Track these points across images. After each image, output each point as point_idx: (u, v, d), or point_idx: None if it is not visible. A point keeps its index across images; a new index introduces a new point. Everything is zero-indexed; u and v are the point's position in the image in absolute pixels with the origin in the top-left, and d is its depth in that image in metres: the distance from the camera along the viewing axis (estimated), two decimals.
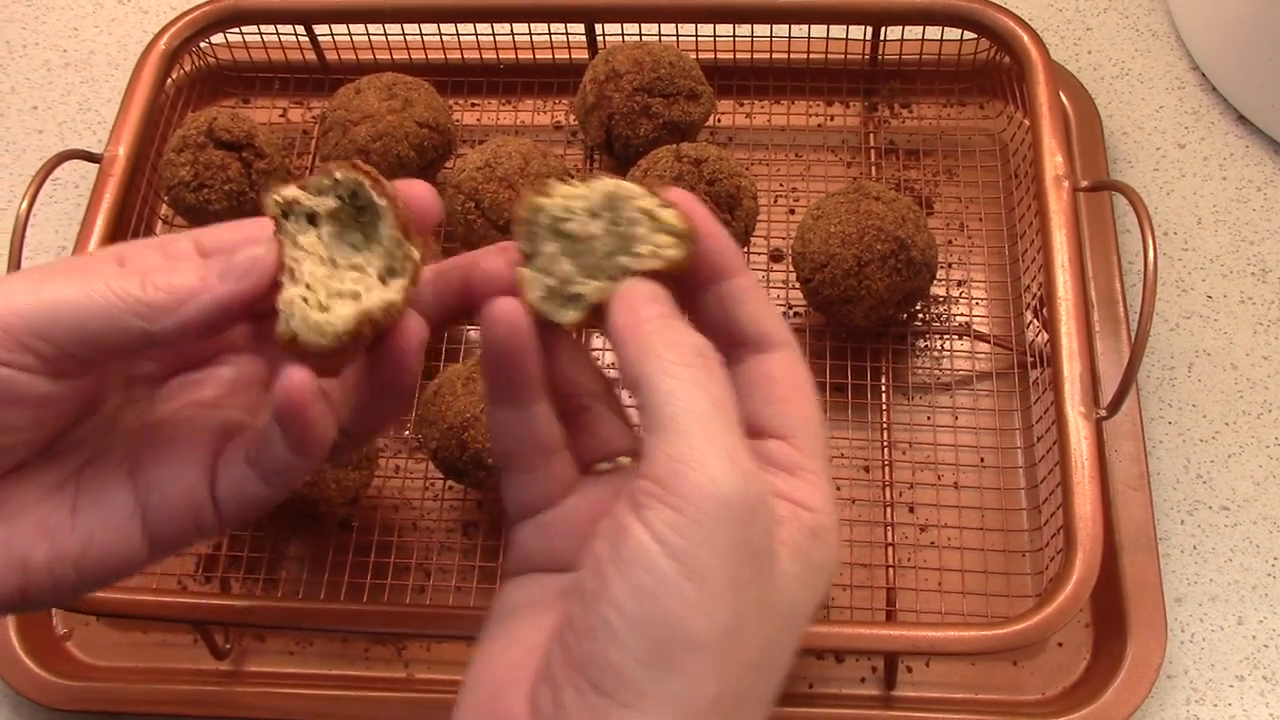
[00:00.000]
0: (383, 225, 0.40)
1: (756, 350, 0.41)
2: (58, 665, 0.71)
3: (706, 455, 0.34)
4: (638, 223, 0.39)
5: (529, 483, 0.42)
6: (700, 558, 0.34)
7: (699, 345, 0.37)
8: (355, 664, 0.71)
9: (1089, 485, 0.63)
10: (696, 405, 0.35)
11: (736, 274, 0.41)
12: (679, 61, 0.77)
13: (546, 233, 0.40)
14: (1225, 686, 0.68)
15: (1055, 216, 0.70)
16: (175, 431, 0.44)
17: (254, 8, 0.83)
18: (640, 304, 0.38)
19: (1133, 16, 0.91)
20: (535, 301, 0.40)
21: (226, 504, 0.43)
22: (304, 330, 0.39)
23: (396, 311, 0.40)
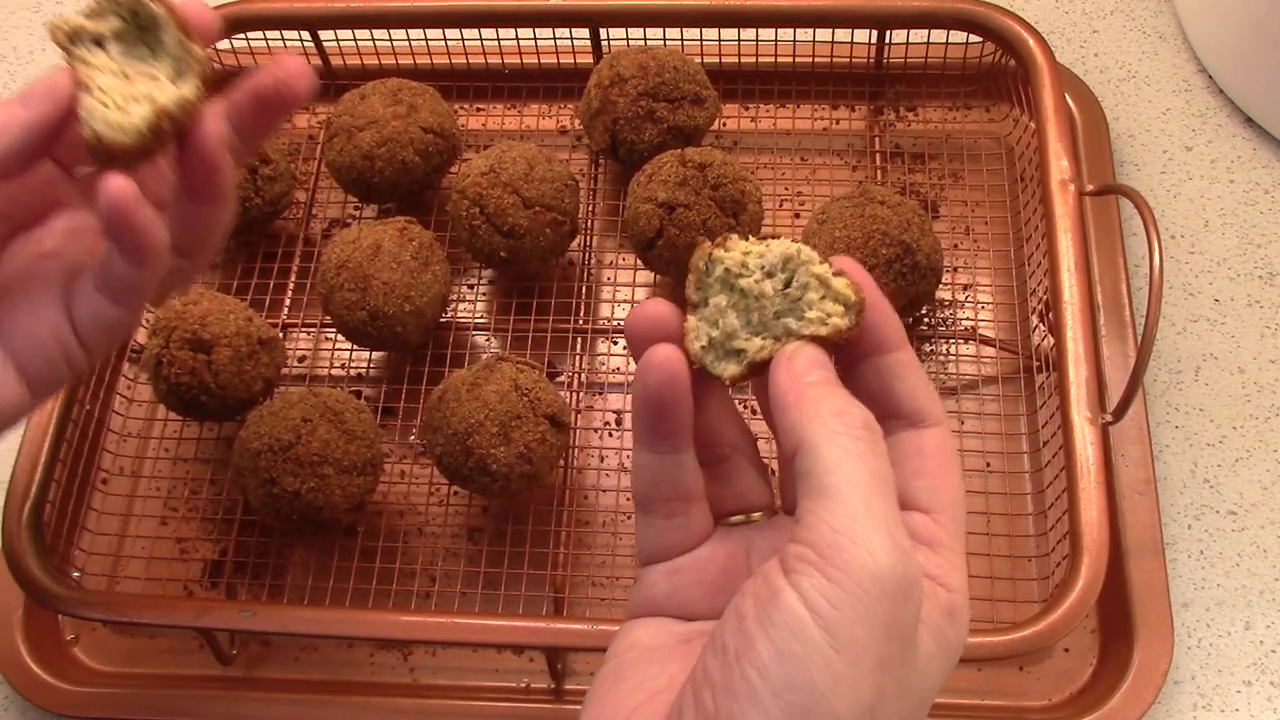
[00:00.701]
0: (164, 33, 0.45)
1: (910, 425, 0.41)
2: (64, 671, 0.71)
3: (868, 530, 0.34)
4: (809, 288, 0.40)
5: (666, 528, 0.42)
6: (852, 632, 0.33)
7: (866, 417, 0.37)
8: (361, 670, 0.71)
9: (1095, 490, 0.63)
10: (860, 478, 0.35)
11: (899, 348, 0.41)
12: (684, 66, 0.77)
13: (718, 285, 0.41)
14: (1232, 692, 0.67)
15: (1061, 220, 0.70)
16: (25, 282, 0.48)
17: (259, 14, 0.83)
18: (806, 367, 0.38)
19: (1139, 19, 0.90)
20: (697, 351, 0.40)
21: (88, 334, 0.47)
22: (107, 130, 0.43)
23: (191, 106, 0.44)
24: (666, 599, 0.42)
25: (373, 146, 0.76)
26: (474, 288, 0.81)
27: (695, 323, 0.40)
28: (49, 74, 0.44)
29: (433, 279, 0.72)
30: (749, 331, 0.40)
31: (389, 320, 0.71)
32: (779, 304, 0.40)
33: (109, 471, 0.76)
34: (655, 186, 0.72)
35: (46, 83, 0.44)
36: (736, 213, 0.72)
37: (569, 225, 0.75)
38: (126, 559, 0.74)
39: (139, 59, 0.45)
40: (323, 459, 0.66)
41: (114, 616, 0.66)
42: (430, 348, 0.77)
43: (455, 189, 0.75)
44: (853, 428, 0.37)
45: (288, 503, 0.66)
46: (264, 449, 0.66)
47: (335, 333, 0.76)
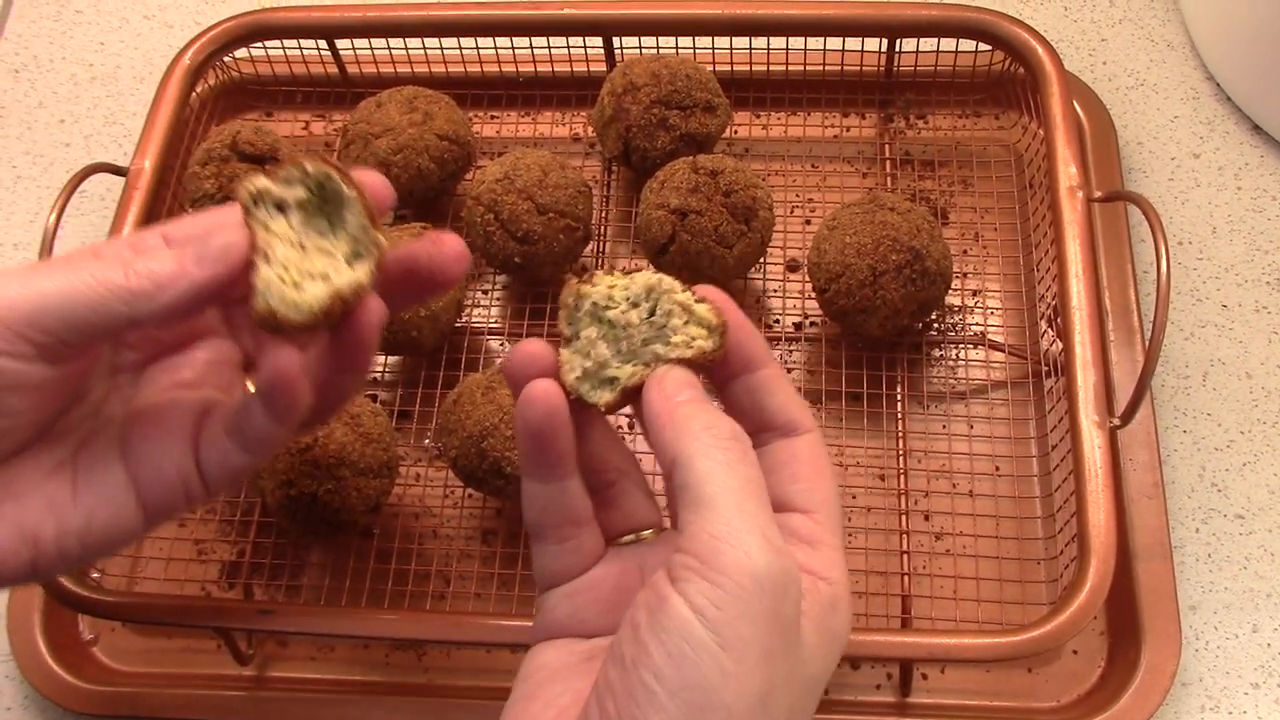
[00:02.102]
0: (349, 213, 0.44)
1: (783, 435, 0.44)
2: (84, 670, 0.72)
3: (742, 533, 0.37)
4: (673, 314, 0.42)
5: (559, 552, 0.44)
6: (736, 630, 0.36)
7: (733, 429, 0.40)
8: (376, 670, 0.72)
9: (1103, 493, 0.63)
10: (732, 485, 0.38)
11: (764, 365, 0.44)
12: (696, 74, 0.78)
13: (588, 318, 0.43)
14: (1240, 694, 0.68)
15: (1069, 227, 0.70)
16: (159, 412, 0.48)
17: (277, 23, 0.84)
18: (675, 388, 0.41)
19: (1147, 27, 0.91)
20: (572, 382, 0.42)
21: (211, 474, 0.47)
22: (281, 306, 0.42)
23: (363, 291, 0.44)
24: (567, 620, 0.44)
25: (389, 153, 0.77)
26: (488, 293, 0.82)
27: (569, 355, 0.43)
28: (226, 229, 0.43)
29: None
30: (620, 360, 0.42)
31: (404, 325, 0.72)
32: (646, 332, 0.42)
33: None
34: (668, 193, 0.73)
35: (225, 243, 0.43)
36: (748, 219, 0.73)
37: (582, 231, 0.76)
38: (145, 560, 0.75)
39: (317, 232, 0.44)
40: (340, 461, 0.67)
41: (135, 617, 0.67)
42: (445, 352, 0.78)
43: (470, 195, 0.76)
44: (722, 439, 0.39)
45: (305, 504, 0.67)
46: (282, 451, 0.67)
47: None
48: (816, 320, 0.79)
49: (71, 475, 0.47)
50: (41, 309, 0.42)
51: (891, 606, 0.70)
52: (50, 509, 0.46)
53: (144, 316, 0.43)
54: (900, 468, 0.73)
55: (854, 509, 0.73)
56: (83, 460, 0.47)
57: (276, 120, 0.91)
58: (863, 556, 0.71)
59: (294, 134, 0.90)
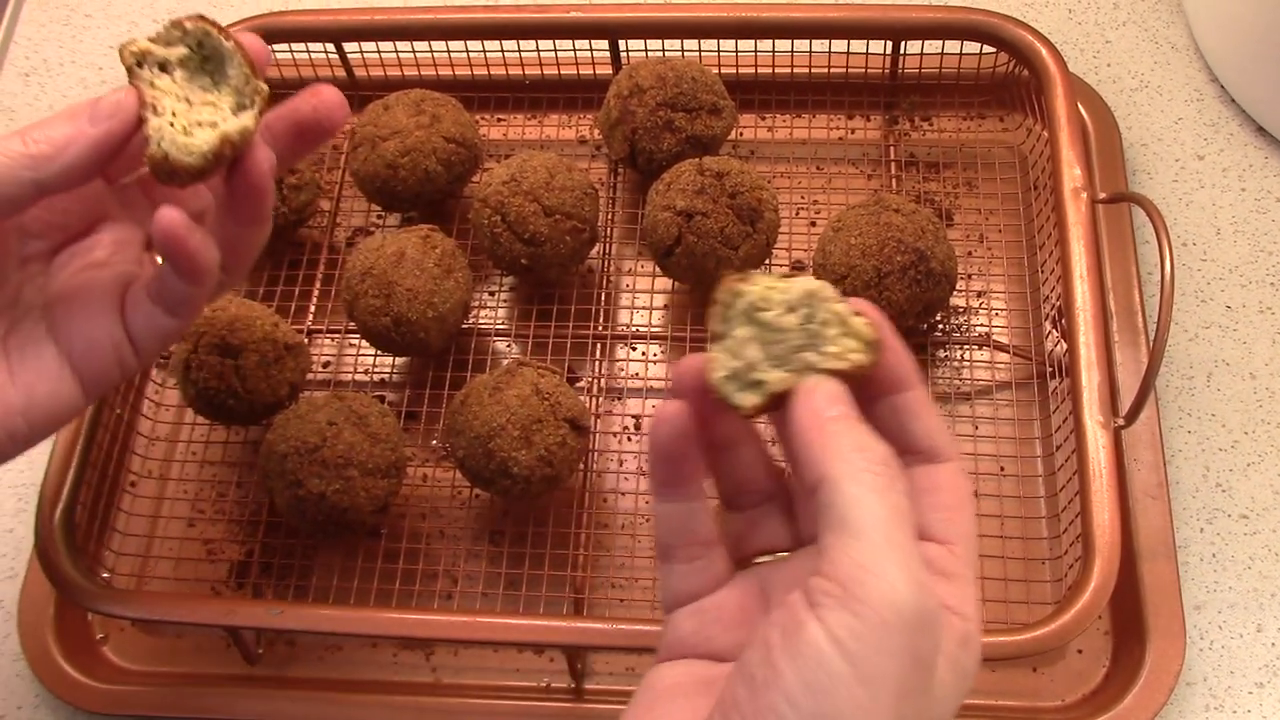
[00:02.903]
0: (231, 66, 0.48)
1: (925, 461, 0.42)
2: (94, 669, 0.72)
3: (888, 564, 0.35)
4: (829, 324, 0.41)
5: (686, 573, 0.44)
6: (874, 663, 0.35)
7: (886, 453, 0.38)
8: (384, 669, 0.72)
9: (1107, 493, 0.63)
10: (880, 513, 0.36)
11: (913, 387, 0.42)
12: (701, 77, 0.78)
13: (741, 318, 0.42)
14: (1244, 694, 0.68)
15: (1074, 228, 0.71)
16: (80, 290, 0.51)
17: (284, 26, 0.84)
18: (827, 402, 0.39)
19: (1151, 29, 0.91)
20: (718, 381, 0.41)
21: (141, 340, 0.51)
22: (174, 150, 0.45)
23: (250, 135, 0.47)
24: (692, 637, 0.43)
25: (396, 156, 0.77)
26: (495, 294, 0.83)
27: (718, 354, 0.41)
28: (115, 92, 0.46)
29: (455, 286, 0.74)
30: (770, 364, 0.41)
31: (412, 326, 0.72)
32: (800, 339, 0.41)
33: (138, 474, 0.77)
34: (674, 195, 0.73)
35: (113, 101, 0.46)
36: (754, 221, 0.73)
37: (589, 233, 0.77)
38: (155, 560, 0.76)
39: (200, 87, 0.48)
40: (347, 462, 0.68)
41: (144, 614, 0.68)
42: (452, 353, 0.78)
43: (477, 197, 0.77)
44: (873, 464, 0.37)
45: (313, 504, 0.68)
46: (290, 451, 0.68)
47: (359, 338, 0.77)
48: None
49: (4, 359, 0.50)
50: None
51: None
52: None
53: (49, 180, 0.45)
54: None
55: None
56: (13, 344, 0.50)
57: None
58: None
59: None
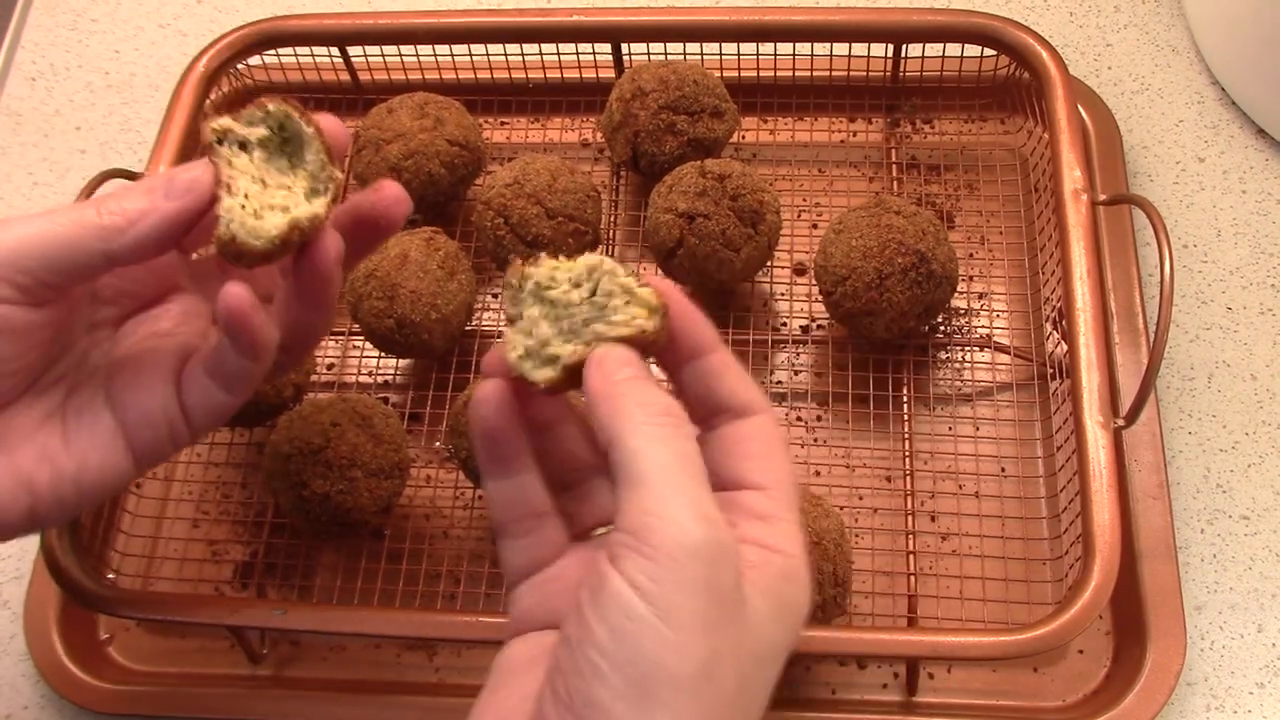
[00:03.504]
0: (308, 150, 0.48)
1: (736, 417, 0.44)
2: (99, 669, 0.73)
3: (673, 506, 0.38)
4: (615, 295, 0.43)
5: (522, 547, 0.46)
6: (673, 600, 0.37)
7: (667, 404, 0.40)
8: (388, 669, 0.72)
9: (1107, 494, 0.63)
10: (663, 460, 0.39)
11: (713, 350, 0.45)
12: (703, 80, 0.79)
13: (530, 298, 0.44)
14: (1245, 694, 0.68)
15: (1074, 230, 0.71)
16: (140, 359, 0.51)
17: (289, 30, 0.85)
18: (614, 366, 0.41)
19: (1152, 32, 0.92)
20: (514, 360, 0.43)
21: (195, 414, 0.50)
22: (242, 233, 0.45)
23: (320, 222, 0.47)
24: (536, 609, 0.45)
25: (400, 159, 0.78)
26: (498, 296, 0.83)
27: (512, 335, 0.44)
28: (192, 167, 0.46)
29: (458, 288, 0.74)
30: (562, 339, 0.43)
31: (416, 328, 0.72)
32: (587, 312, 0.43)
33: (143, 475, 0.77)
34: (675, 197, 0.73)
35: (190, 178, 0.46)
36: (755, 223, 0.73)
37: (591, 235, 0.77)
38: (159, 560, 0.76)
39: (277, 169, 0.47)
40: (351, 462, 0.68)
41: (149, 615, 0.68)
42: (456, 355, 0.78)
43: (480, 200, 0.77)
44: (654, 415, 0.40)
45: (317, 505, 0.68)
46: (294, 453, 0.68)
47: (363, 340, 0.78)
48: (823, 323, 0.80)
49: (62, 424, 0.49)
50: (20, 252, 0.45)
51: (898, 606, 0.70)
52: (44, 457, 0.48)
53: (119, 251, 0.45)
54: (906, 469, 0.74)
55: (860, 509, 0.74)
56: (71, 409, 0.50)
57: None
58: (869, 556, 0.72)
59: None
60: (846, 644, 0.64)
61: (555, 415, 0.46)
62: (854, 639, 0.64)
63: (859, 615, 0.70)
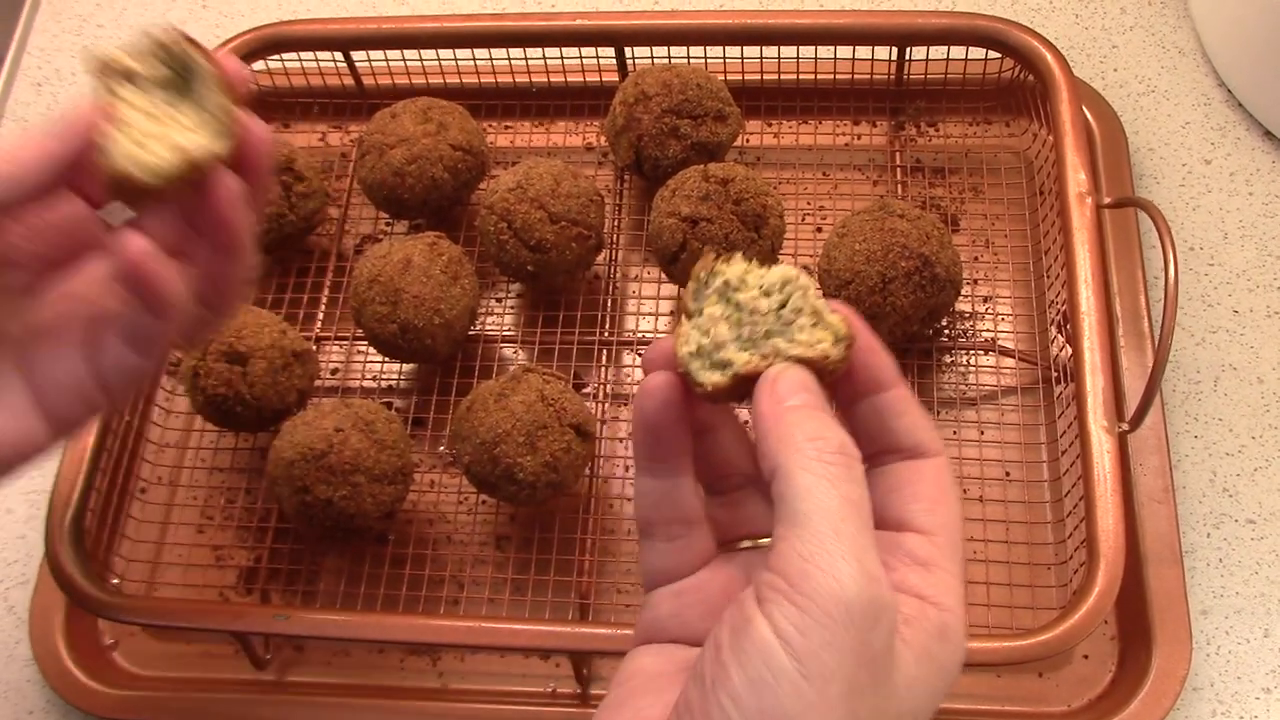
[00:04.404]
0: (204, 87, 0.45)
1: (909, 457, 0.41)
2: (104, 674, 0.73)
3: (835, 557, 0.35)
4: (803, 313, 0.40)
5: (667, 551, 0.43)
6: (820, 659, 0.34)
7: (841, 442, 0.37)
8: (391, 674, 0.72)
9: (1112, 499, 0.63)
10: (830, 504, 0.36)
11: (894, 386, 0.42)
12: (707, 83, 0.79)
13: (715, 296, 0.41)
14: (1251, 699, 0.68)
15: (1079, 233, 0.71)
16: (53, 323, 0.49)
17: (294, 36, 0.85)
18: (788, 390, 0.38)
19: (1158, 34, 0.91)
20: (684, 355, 0.40)
21: (110, 381, 0.48)
22: (130, 166, 0.43)
23: (216, 160, 0.44)
24: (670, 620, 0.42)
25: (403, 163, 0.78)
26: (502, 301, 0.83)
27: (688, 329, 0.41)
28: (76, 105, 0.45)
29: (461, 293, 0.74)
30: (739, 345, 0.40)
31: (419, 333, 0.72)
32: (771, 324, 0.40)
33: (148, 481, 0.78)
34: (679, 201, 0.73)
35: (73, 115, 0.44)
36: (759, 227, 0.73)
37: (594, 240, 0.77)
38: (164, 566, 0.76)
39: (170, 105, 0.45)
40: (355, 468, 0.68)
41: (153, 620, 0.68)
42: (459, 360, 0.79)
43: (484, 205, 0.77)
44: (825, 453, 0.37)
45: (321, 510, 0.68)
46: (298, 458, 0.68)
47: (367, 345, 0.78)
48: None
49: None
50: None
51: None
52: None
53: (8, 197, 0.44)
54: None
55: None
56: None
57: (294, 131, 0.92)
58: None
59: (310, 145, 0.91)
60: None
61: (716, 419, 0.43)
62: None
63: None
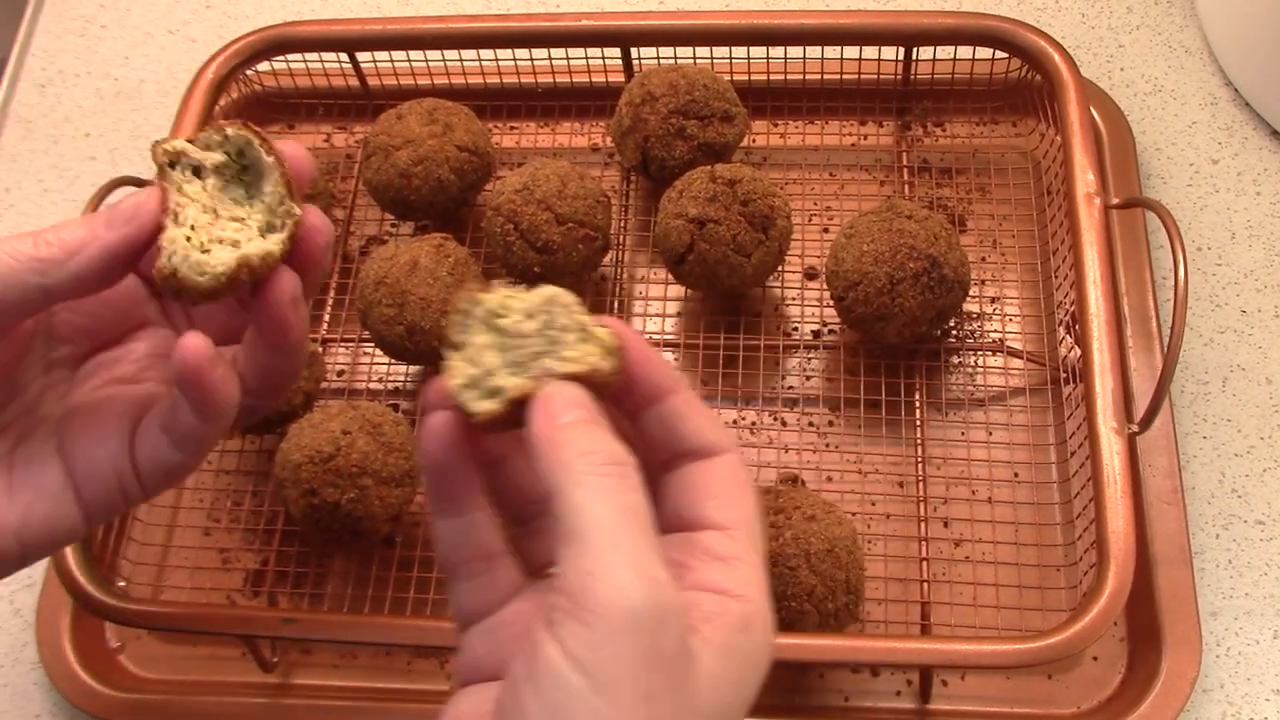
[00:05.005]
0: (267, 183, 0.44)
1: (701, 457, 0.41)
2: (110, 677, 0.73)
3: (613, 566, 0.34)
4: (569, 330, 0.40)
5: (472, 589, 0.42)
6: (610, 671, 0.34)
7: (612, 451, 0.37)
8: (398, 677, 0.72)
9: (1121, 500, 0.63)
10: (605, 516, 0.35)
11: (675, 392, 0.42)
12: (713, 84, 0.79)
13: (480, 325, 0.40)
14: (1261, 700, 0.68)
15: (1087, 233, 0.71)
16: (95, 407, 0.47)
17: (298, 37, 0.85)
18: (560, 407, 0.38)
19: (1165, 33, 0.91)
20: (455, 388, 0.40)
21: (146, 472, 0.46)
22: (184, 268, 0.42)
23: (274, 261, 0.43)
24: (485, 658, 0.42)
25: (409, 165, 0.78)
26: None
27: (456, 362, 0.40)
28: (136, 194, 0.43)
29: None
30: (509, 371, 0.39)
31: (425, 335, 0.72)
32: (539, 345, 0.40)
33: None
34: (686, 202, 0.73)
35: (134, 204, 0.43)
36: (766, 227, 0.73)
37: (601, 241, 0.77)
38: (170, 569, 0.76)
39: (233, 199, 0.44)
40: (362, 470, 0.68)
41: (160, 624, 0.68)
42: None
43: (490, 206, 0.77)
44: (598, 465, 0.36)
45: (328, 513, 0.68)
46: (305, 460, 0.68)
47: (373, 347, 0.77)
48: (835, 328, 0.80)
49: (8, 473, 0.46)
50: None
51: (911, 613, 0.70)
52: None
53: (56, 286, 0.42)
54: (919, 475, 0.73)
55: (873, 516, 0.73)
56: (19, 458, 0.46)
57: (299, 133, 0.92)
58: (882, 563, 0.71)
59: (315, 145, 0.91)
60: (860, 652, 0.63)
61: (506, 449, 0.43)
62: (867, 647, 0.63)
63: (872, 623, 0.70)
